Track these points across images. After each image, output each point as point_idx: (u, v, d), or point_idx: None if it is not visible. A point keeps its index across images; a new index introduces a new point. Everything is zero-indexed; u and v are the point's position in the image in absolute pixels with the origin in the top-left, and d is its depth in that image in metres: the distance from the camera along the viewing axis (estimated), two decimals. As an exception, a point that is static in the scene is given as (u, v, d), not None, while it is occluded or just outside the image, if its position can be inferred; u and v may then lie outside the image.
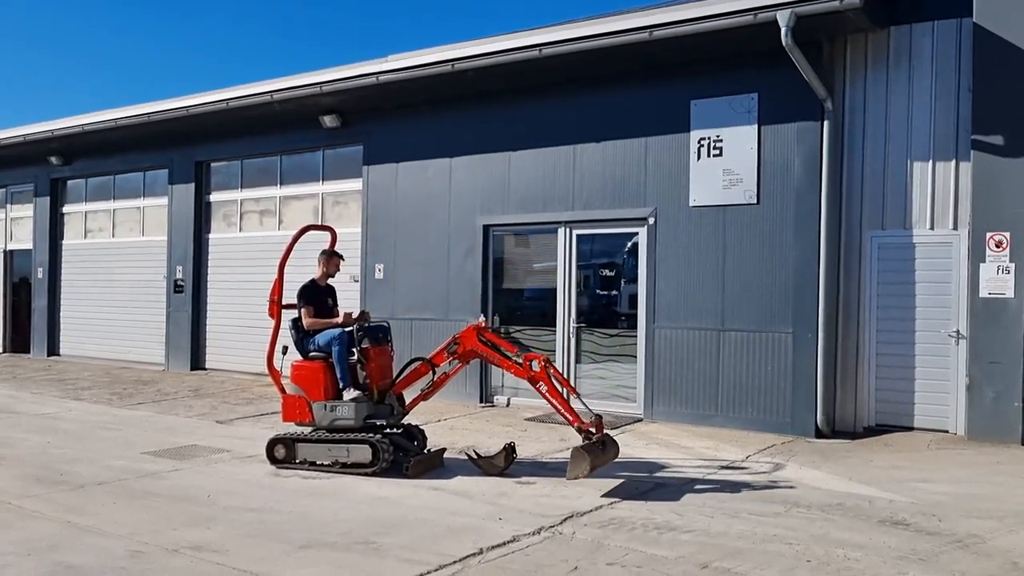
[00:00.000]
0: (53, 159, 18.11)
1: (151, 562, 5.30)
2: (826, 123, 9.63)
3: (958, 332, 9.40)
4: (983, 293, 9.15)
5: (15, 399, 12.54)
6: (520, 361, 7.43)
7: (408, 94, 12.40)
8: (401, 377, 8.05)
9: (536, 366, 7.33)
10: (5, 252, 20.23)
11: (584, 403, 7.74)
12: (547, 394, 7.33)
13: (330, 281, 8.57)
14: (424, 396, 7.99)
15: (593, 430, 7.17)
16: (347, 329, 7.98)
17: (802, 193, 9.78)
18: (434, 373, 7.90)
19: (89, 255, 18.25)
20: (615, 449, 7.39)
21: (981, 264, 9.15)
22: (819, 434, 9.59)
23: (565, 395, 7.48)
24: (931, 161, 9.55)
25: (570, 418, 7.25)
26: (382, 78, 11.99)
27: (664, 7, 10.36)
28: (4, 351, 19.98)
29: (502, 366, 7.71)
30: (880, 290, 9.79)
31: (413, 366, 8.01)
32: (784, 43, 9.00)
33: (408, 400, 8.17)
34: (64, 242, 18.81)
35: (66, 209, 18.83)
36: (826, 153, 9.64)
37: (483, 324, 8.02)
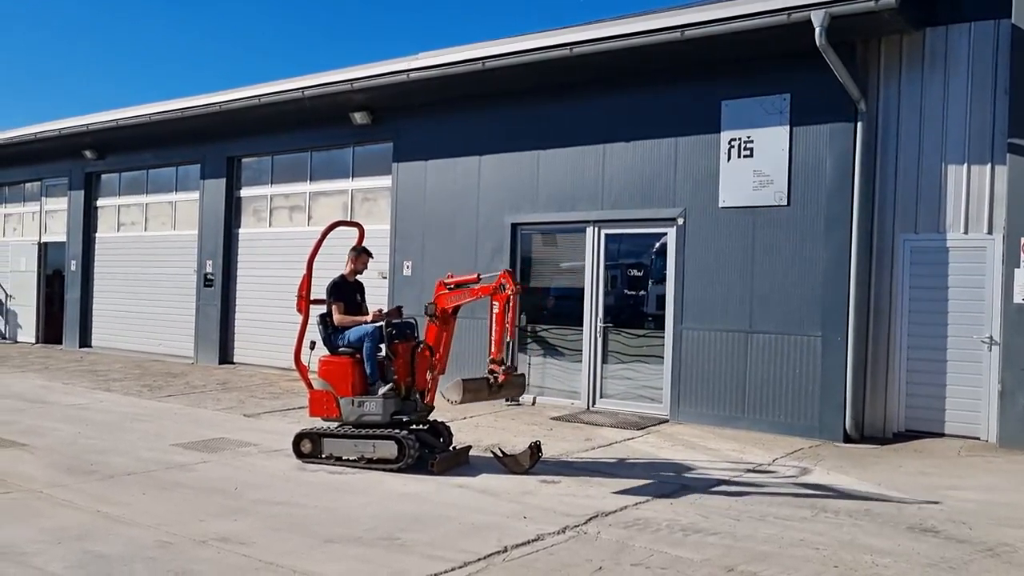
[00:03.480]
0: (87, 153, 18.35)
1: (179, 552, 5.36)
2: (859, 124, 9.53)
3: (991, 338, 9.27)
4: (1017, 299, 9.01)
5: (47, 389, 12.73)
6: (498, 279, 7.47)
7: (438, 92, 12.44)
8: (415, 370, 8.03)
9: (505, 288, 7.35)
10: (40, 244, 20.53)
11: (513, 355, 7.56)
12: (495, 315, 7.38)
13: (358, 277, 8.62)
14: (436, 377, 7.95)
15: (498, 372, 7.27)
16: (378, 325, 8.02)
17: (834, 195, 9.68)
18: (432, 353, 7.91)
19: (121, 248, 18.48)
20: (499, 394, 7.50)
21: (1016, 269, 9.01)
22: (847, 439, 9.50)
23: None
24: (966, 164, 9.42)
25: (493, 349, 7.35)
26: (413, 75, 12.03)
27: (696, 7, 10.29)
28: (37, 342, 20.29)
29: (473, 295, 7.72)
30: (912, 294, 9.67)
31: (417, 354, 8.01)
32: (818, 43, 8.92)
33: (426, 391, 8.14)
34: (97, 235, 19.07)
35: (99, 202, 19.09)
36: (859, 155, 9.53)
37: (447, 279, 7.99)
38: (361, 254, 8.54)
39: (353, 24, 62.21)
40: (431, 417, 8.29)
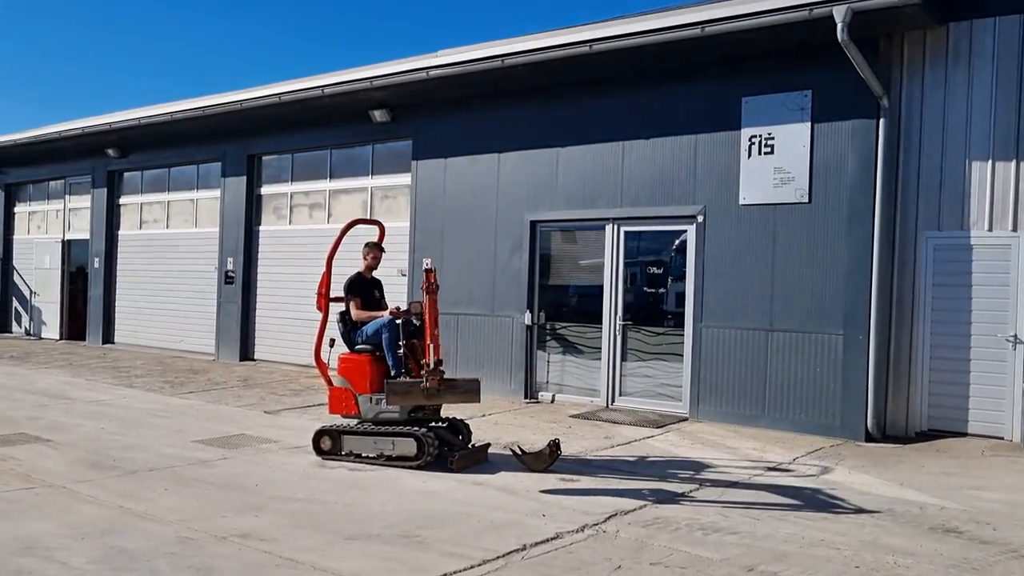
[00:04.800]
0: (110, 151, 18.52)
1: (200, 548, 5.40)
2: (882, 121, 9.44)
3: (1015, 337, 9.16)
4: (1043, 297, 8.91)
5: (71, 385, 12.86)
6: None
7: (458, 89, 12.44)
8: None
9: (424, 288, 7.42)
10: (63, 242, 20.74)
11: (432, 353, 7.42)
12: (427, 312, 7.39)
13: (375, 274, 8.65)
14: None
15: (425, 373, 7.26)
16: (393, 316, 8.01)
17: (856, 192, 9.60)
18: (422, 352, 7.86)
19: (144, 246, 18.63)
20: (439, 399, 7.44)
21: (1041, 267, 8.91)
22: (869, 438, 9.43)
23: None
24: (990, 161, 9.31)
25: (433, 347, 7.32)
26: (432, 73, 12.04)
27: (716, 3, 10.24)
28: (61, 338, 20.49)
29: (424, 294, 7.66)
30: (935, 292, 9.58)
31: (417, 355, 7.98)
32: (840, 39, 8.84)
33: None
34: (120, 232, 19.23)
35: (122, 200, 19.24)
36: (881, 151, 9.45)
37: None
38: (373, 248, 8.57)
39: (365, 24, 62.37)
40: (450, 414, 8.31)
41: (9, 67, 56.95)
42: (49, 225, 21.38)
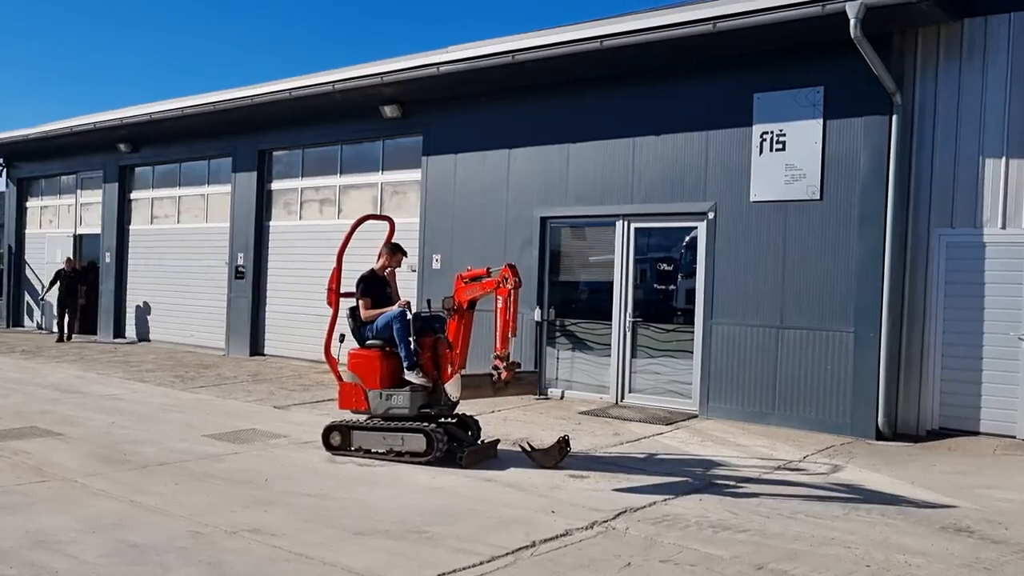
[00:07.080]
0: (122, 146, 18.57)
1: (211, 543, 5.41)
2: (895, 118, 9.39)
3: (1029, 335, 9.12)
4: (1056, 295, 8.85)
5: (83, 380, 12.92)
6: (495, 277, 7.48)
7: (468, 85, 12.43)
8: (440, 364, 7.97)
9: (508, 284, 7.34)
10: (75, 236, 20.82)
11: (510, 347, 7.45)
12: (499, 310, 7.36)
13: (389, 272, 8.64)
14: (456, 372, 7.76)
15: (502, 367, 7.25)
16: (403, 309, 7.97)
17: (868, 189, 9.56)
18: (450, 347, 7.85)
19: (155, 240, 18.69)
20: (505, 391, 7.43)
21: (1055, 265, 8.85)
22: (880, 436, 9.39)
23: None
24: (1004, 158, 9.24)
25: (499, 344, 7.31)
26: (443, 69, 12.04)
27: (729, -1, 10.19)
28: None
29: (482, 289, 7.62)
30: (947, 290, 9.52)
31: (439, 351, 7.97)
32: (853, 35, 8.79)
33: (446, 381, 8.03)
34: (131, 227, 19.30)
35: (133, 195, 19.31)
36: (894, 148, 9.40)
37: (465, 273, 7.90)
38: (396, 252, 8.52)
39: (375, 23, 62.45)
40: (459, 411, 8.30)
41: (21, 63, 57.26)
42: (61, 220, 21.48)
